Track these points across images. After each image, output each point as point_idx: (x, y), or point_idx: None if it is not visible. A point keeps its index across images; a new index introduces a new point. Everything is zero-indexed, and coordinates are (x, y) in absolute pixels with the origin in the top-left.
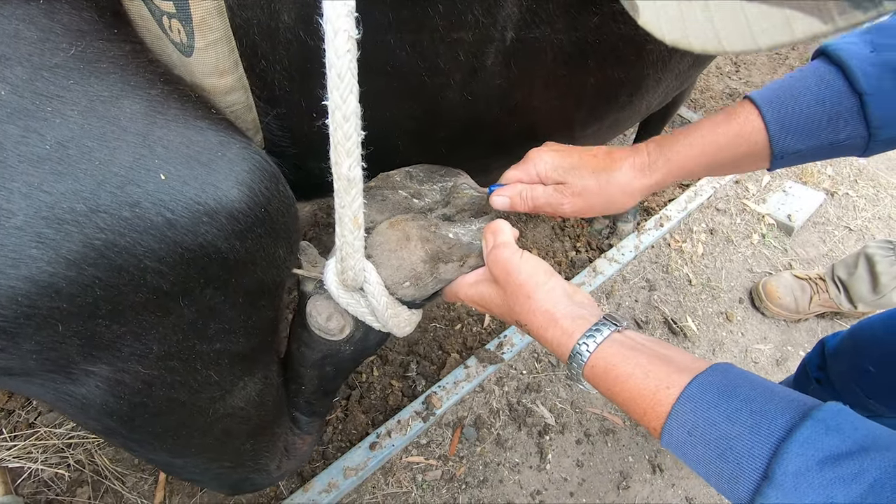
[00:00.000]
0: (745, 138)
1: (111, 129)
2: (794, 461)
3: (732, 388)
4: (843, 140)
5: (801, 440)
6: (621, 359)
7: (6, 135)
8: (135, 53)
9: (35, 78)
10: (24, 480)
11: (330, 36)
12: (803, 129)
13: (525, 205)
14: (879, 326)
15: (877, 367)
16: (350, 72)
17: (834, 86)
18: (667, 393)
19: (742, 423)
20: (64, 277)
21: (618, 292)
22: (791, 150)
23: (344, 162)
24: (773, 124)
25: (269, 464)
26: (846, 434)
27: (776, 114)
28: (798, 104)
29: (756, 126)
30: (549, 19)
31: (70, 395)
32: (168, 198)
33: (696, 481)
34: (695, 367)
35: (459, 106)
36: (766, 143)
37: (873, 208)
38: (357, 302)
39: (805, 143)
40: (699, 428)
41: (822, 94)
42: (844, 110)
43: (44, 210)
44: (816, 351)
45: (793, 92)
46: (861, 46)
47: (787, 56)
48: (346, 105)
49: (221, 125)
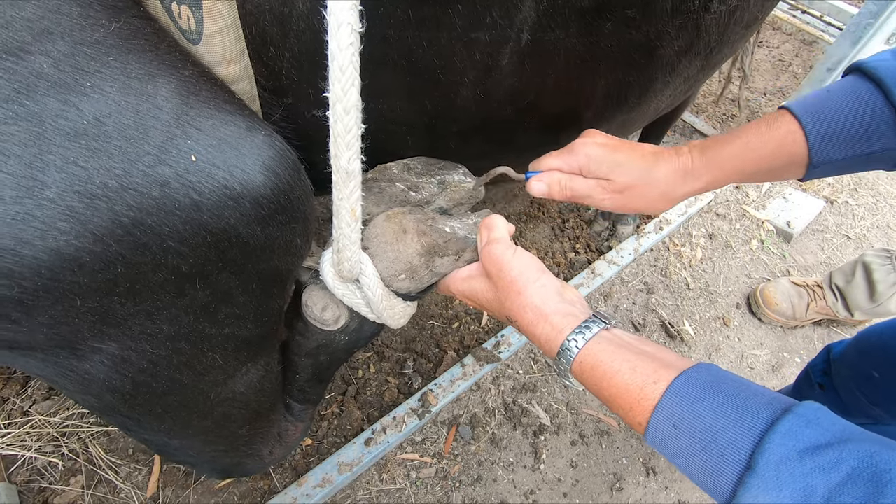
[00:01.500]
0: (786, 147)
1: (147, 107)
2: (776, 451)
3: (717, 383)
4: (878, 151)
5: (783, 432)
6: (609, 355)
7: (45, 107)
8: (163, 32)
9: (76, 53)
10: (18, 468)
11: (333, 28)
12: (840, 139)
13: (563, 194)
14: (887, 332)
15: (881, 373)
16: (352, 65)
17: (870, 100)
18: (654, 387)
19: (726, 416)
20: (89, 252)
21: (616, 294)
22: (828, 159)
23: (343, 154)
24: (812, 135)
25: (262, 449)
26: (825, 427)
27: (816, 125)
28: (835, 115)
29: (797, 138)
30: (564, 23)
31: (73, 371)
32: (197, 179)
33: (690, 484)
34: (681, 364)
35: (472, 103)
36: (804, 154)
37: (872, 217)
38: (352, 293)
39: (841, 153)
40: (685, 421)
41: (858, 108)
42: (880, 123)
43: (77, 184)
44: (822, 357)
45: (831, 104)
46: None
47: (791, 62)
48: (346, 98)
49: (247, 111)
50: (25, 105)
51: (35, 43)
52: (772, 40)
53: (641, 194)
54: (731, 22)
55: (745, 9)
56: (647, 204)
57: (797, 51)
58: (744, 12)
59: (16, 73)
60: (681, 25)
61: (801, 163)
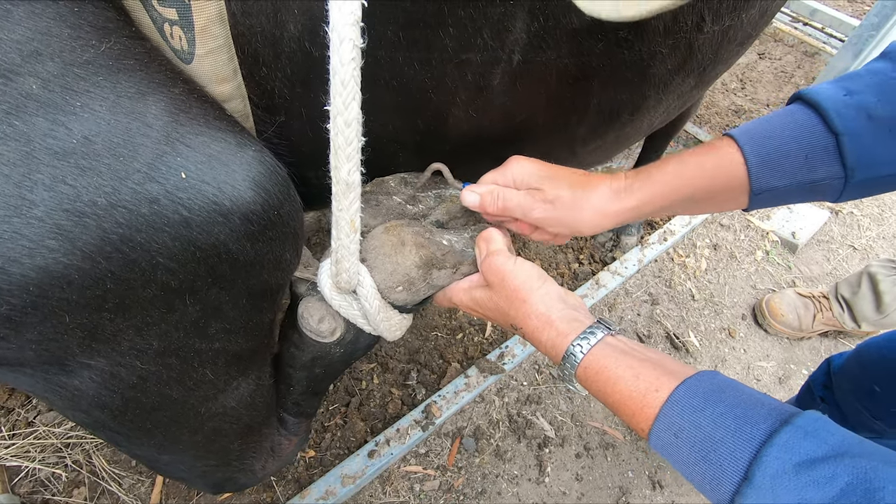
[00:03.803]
0: (723, 169)
1: (137, 125)
2: (773, 464)
3: (719, 392)
4: (821, 179)
5: (781, 444)
6: (613, 361)
7: (34, 127)
8: (154, 51)
9: (66, 73)
10: (21, 479)
11: (335, 44)
12: (781, 166)
13: (495, 205)
14: (886, 346)
15: (883, 388)
16: (353, 79)
17: (809, 125)
18: (655, 396)
19: (726, 427)
20: (78, 269)
21: (620, 305)
22: (769, 185)
23: (343, 166)
24: (752, 158)
25: (254, 464)
26: (822, 439)
27: (755, 148)
28: (776, 141)
29: (735, 159)
30: (555, 44)
31: (62, 387)
32: (186, 196)
33: (696, 498)
34: (683, 372)
35: (463, 122)
36: (744, 178)
37: (878, 227)
38: (349, 305)
39: (783, 181)
40: (685, 430)
41: (798, 133)
42: (821, 149)
43: (65, 203)
44: (822, 370)
45: (771, 129)
46: (835, 91)
47: (793, 74)
48: (347, 111)
49: (237, 127)
50: (14, 125)
51: (24, 64)
52: (774, 52)
53: (572, 205)
54: (725, 41)
55: (739, 27)
56: (576, 217)
57: (799, 62)
58: (737, 31)
59: (4, 93)
60: (673, 45)
61: (743, 189)
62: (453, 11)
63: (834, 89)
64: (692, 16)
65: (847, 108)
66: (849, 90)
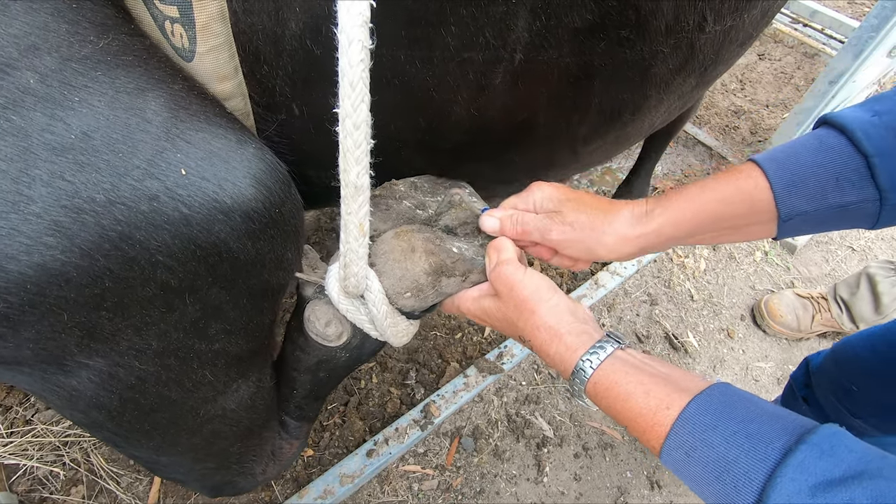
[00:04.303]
0: (746, 193)
1: (136, 120)
2: (788, 486)
3: (730, 409)
4: (853, 203)
5: (795, 465)
6: (623, 376)
7: (32, 122)
8: (154, 48)
9: (64, 68)
10: (19, 477)
11: (344, 45)
12: (808, 188)
13: (514, 229)
14: (859, 345)
15: (859, 387)
16: (362, 81)
17: (837, 147)
18: (666, 413)
19: (739, 446)
20: (76, 267)
21: (619, 306)
22: (797, 210)
23: (352, 169)
24: (777, 182)
25: (254, 467)
26: (840, 457)
27: (780, 172)
28: (801, 163)
29: (759, 184)
30: (557, 43)
31: (59, 387)
32: (186, 193)
33: (695, 498)
34: (694, 388)
35: (465, 120)
36: (770, 202)
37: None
38: (357, 309)
39: (811, 204)
40: (697, 449)
41: (825, 155)
42: (850, 171)
43: (63, 199)
44: (802, 369)
45: (795, 152)
46: (862, 113)
47: (793, 75)
48: (357, 113)
49: (238, 124)
50: (11, 120)
51: (22, 59)
52: (774, 53)
53: (592, 228)
54: (727, 41)
55: (741, 28)
56: (596, 241)
57: (799, 63)
58: (739, 31)
59: (2, 88)
60: (675, 45)
61: (770, 215)
62: (455, 10)
63: (860, 111)
64: (694, 15)
65: (875, 128)
66: (876, 111)
